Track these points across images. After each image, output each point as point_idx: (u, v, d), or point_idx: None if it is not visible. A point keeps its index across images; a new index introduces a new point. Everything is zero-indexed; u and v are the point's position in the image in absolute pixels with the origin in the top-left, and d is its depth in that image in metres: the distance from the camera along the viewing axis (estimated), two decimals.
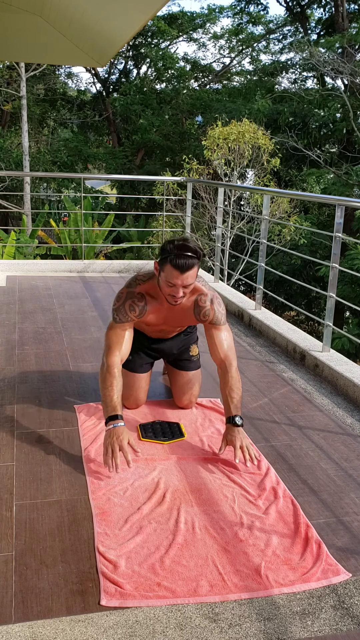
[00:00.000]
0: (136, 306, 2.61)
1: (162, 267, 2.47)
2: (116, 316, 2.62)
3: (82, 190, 6.60)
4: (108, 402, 2.45)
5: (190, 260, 2.42)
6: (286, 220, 11.91)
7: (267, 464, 2.50)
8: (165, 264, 2.44)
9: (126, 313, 2.61)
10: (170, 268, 2.43)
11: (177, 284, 2.45)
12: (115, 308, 2.63)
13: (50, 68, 19.88)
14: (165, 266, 2.45)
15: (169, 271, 2.44)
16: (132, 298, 2.62)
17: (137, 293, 2.63)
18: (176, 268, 2.42)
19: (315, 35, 19.85)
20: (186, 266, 2.42)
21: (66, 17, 3.24)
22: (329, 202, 4.01)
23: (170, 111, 21.02)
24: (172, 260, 2.41)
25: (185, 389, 2.97)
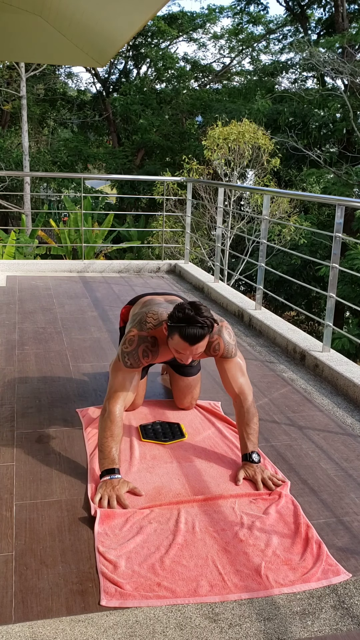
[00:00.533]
0: (150, 352, 2.47)
1: (171, 335, 2.32)
2: (127, 360, 2.45)
3: (82, 190, 6.61)
4: (106, 453, 2.31)
5: (201, 331, 2.27)
6: (286, 220, 11.91)
7: (273, 465, 2.50)
8: (174, 333, 2.30)
9: (139, 359, 2.46)
10: (179, 339, 2.29)
11: (187, 354, 2.33)
12: (126, 352, 2.45)
13: (50, 68, 19.88)
14: (174, 335, 2.30)
15: (178, 341, 2.29)
16: (145, 343, 2.46)
17: (150, 337, 2.48)
18: (185, 340, 2.28)
19: (315, 35, 19.86)
20: (196, 338, 2.27)
21: (66, 17, 3.24)
22: (329, 202, 4.01)
23: (170, 111, 21.02)
24: (182, 331, 2.27)
25: (186, 392, 2.97)
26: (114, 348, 3.92)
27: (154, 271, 6.68)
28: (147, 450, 2.57)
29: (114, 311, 4.85)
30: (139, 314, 2.58)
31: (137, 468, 2.41)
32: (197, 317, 2.26)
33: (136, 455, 2.52)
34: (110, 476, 2.25)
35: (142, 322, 2.51)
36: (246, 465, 2.41)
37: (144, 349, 2.46)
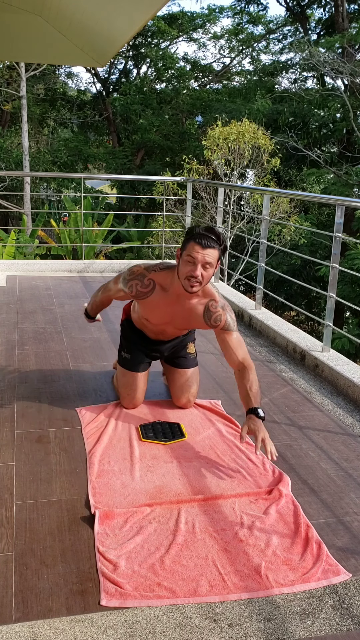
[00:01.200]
0: (134, 289, 2.67)
1: (185, 246, 2.51)
2: (122, 281, 2.73)
3: (82, 190, 6.61)
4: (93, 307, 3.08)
5: (213, 241, 2.47)
6: (286, 220, 11.91)
7: (272, 464, 2.50)
8: (188, 242, 2.49)
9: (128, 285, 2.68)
10: (192, 244, 2.47)
11: (197, 258, 2.45)
12: (123, 276, 2.73)
13: (50, 68, 19.87)
14: (188, 244, 2.49)
15: (191, 246, 2.47)
16: (140, 280, 2.66)
17: (147, 279, 2.66)
18: (198, 243, 2.45)
19: (315, 35, 19.86)
20: (208, 244, 2.45)
21: (66, 17, 3.24)
22: (329, 202, 4.01)
23: (170, 111, 21.01)
24: (196, 237, 2.47)
25: (183, 388, 2.96)
26: (114, 348, 3.92)
27: None
28: (147, 450, 2.57)
29: (114, 311, 4.86)
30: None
31: (137, 467, 2.41)
32: (212, 229, 2.50)
33: (136, 455, 2.52)
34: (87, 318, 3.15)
35: (152, 265, 2.70)
36: (251, 419, 2.43)
37: (135, 284, 2.67)
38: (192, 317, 2.67)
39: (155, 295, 2.64)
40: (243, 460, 2.52)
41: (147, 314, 2.74)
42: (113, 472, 2.38)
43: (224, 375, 3.52)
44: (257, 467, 2.46)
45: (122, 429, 2.76)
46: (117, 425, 2.79)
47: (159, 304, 2.65)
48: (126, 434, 2.71)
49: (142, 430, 2.74)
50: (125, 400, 2.95)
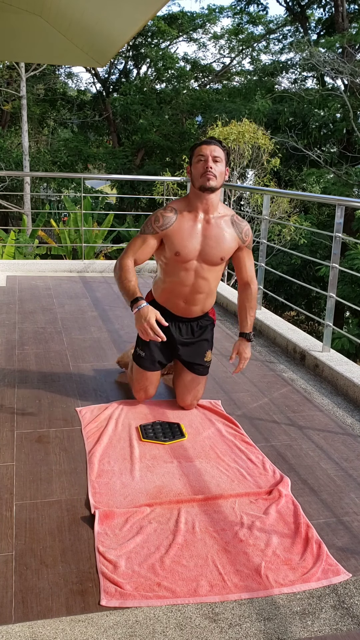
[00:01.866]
0: (161, 217, 2.75)
1: (192, 154, 2.73)
2: (143, 229, 2.78)
3: (82, 190, 6.60)
4: (127, 291, 2.66)
5: (216, 141, 2.70)
6: (286, 220, 11.91)
7: (272, 464, 2.50)
8: (194, 150, 2.73)
9: (151, 224, 2.76)
10: (198, 147, 2.71)
11: (206, 154, 2.66)
12: (145, 223, 2.79)
13: (50, 68, 19.86)
14: (194, 151, 2.72)
15: (198, 149, 2.71)
16: (159, 210, 2.78)
17: (167, 206, 2.80)
18: (203, 143, 2.70)
19: (315, 35, 19.85)
20: (212, 142, 2.69)
21: (66, 17, 3.24)
22: (329, 202, 4.01)
23: (170, 111, 21.00)
24: (199, 142, 2.73)
25: (190, 388, 2.98)
26: (114, 348, 3.93)
27: (154, 271, 6.68)
28: (147, 450, 2.57)
29: (114, 311, 4.86)
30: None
31: (137, 467, 2.41)
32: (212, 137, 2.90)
33: (136, 455, 2.52)
34: (137, 307, 2.59)
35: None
36: (242, 343, 2.94)
37: (157, 216, 2.76)
38: (223, 233, 2.79)
39: (180, 217, 2.77)
40: (243, 460, 2.52)
41: (178, 244, 2.74)
42: (113, 472, 2.38)
43: (224, 375, 3.52)
44: (257, 467, 2.46)
45: (122, 429, 2.76)
46: (117, 425, 2.79)
47: (186, 226, 2.76)
48: (126, 434, 2.71)
49: (142, 430, 2.74)
50: (138, 394, 3.00)
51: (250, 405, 3.13)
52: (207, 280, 2.83)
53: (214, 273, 2.83)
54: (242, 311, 2.98)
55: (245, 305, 2.97)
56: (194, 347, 2.97)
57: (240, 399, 3.19)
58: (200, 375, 2.99)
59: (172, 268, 2.81)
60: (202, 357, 2.98)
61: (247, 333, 2.95)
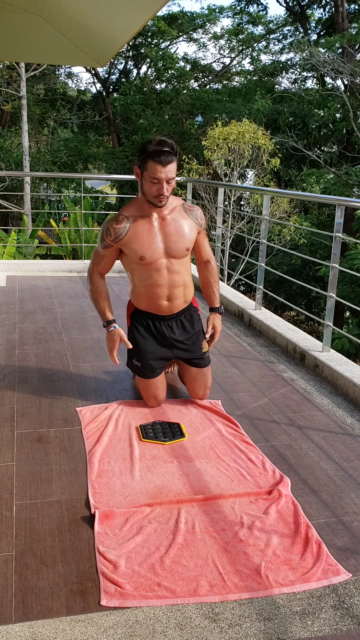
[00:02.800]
0: (112, 229, 2.77)
1: (144, 166, 2.64)
2: (99, 243, 2.86)
3: (82, 190, 6.60)
4: (101, 312, 2.92)
5: (170, 155, 2.60)
6: (286, 220, 11.91)
7: (272, 464, 2.50)
8: (146, 162, 2.62)
9: (104, 239, 2.82)
10: (152, 164, 2.60)
11: (161, 178, 2.62)
12: (99, 237, 2.85)
13: (50, 68, 19.86)
14: (147, 164, 2.62)
15: (151, 167, 2.61)
16: (110, 222, 2.79)
17: (118, 216, 2.79)
18: (158, 162, 2.59)
19: (315, 36, 19.85)
20: (167, 159, 2.59)
21: (66, 17, 3.24)
22: (329, 202, 4.01)
23: (170, 111, 21.00)
24: (153, 156, 2.59)
25: (199, 381, 3.08)
26: None
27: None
28: (147, 450, 2.57)
29: (114, 311, 4.84)
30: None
31: (137, 467, 2.41)
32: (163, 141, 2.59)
33: (136, 454, 2.52)
34: (108, 329, 2.90)
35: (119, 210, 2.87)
36: (214, 316, 3.10)
37: (107, 229, 2.79)
38: (181, 224, 2.83)
39: (134, 224, 2.77)
40: (243, 460, 2.52)
41: (140, 249, 2.78)
42: (113, 472, 2.38)
43: (224, 375, 3.52)
44: (257, 467, 2.46)
45: (122, 429, 2.76)
46: (117, 425, 2.79)
47: (142, 230, 2.77)
48: (126, 434, 2.71)
49: (142, 430, 2.74)
50: (149, 402, 3.02)
51: (250, 405, 3.13)
52: (179, 273, 2.91)
53: (184, 265, 2.93)
54: (207, 287, 3.13)
55: (208, 280, 3.12)
56: (189, 344, 3.02)
57: (240, 399, 3.19)
58: (204, 367, 3.07)
59: (143, 272, 2.86)
60: (200, 350, 3.06)
61: (217, 307, 3.12)
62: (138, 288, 2.93)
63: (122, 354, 3.82)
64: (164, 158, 2.59)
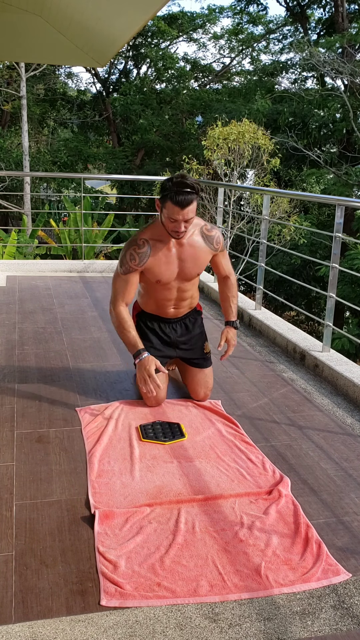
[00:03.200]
0: (136, 254, 2.76)
1: (164, 205, 2.64)
2: (120, 268, 2.81)
3: (82, 190, 6.60)
4: (129, 342, 2.80)
5: (189, 196, 2.59)
6: (286, 220, 11.91)
7: (272, 464, 2.50)
8: (166, 201, 2.62)
9: (127, 263, 2.78)
10: (171, 205, 2.60)
11: (179, 219, 2.63)
12: (119, 260, 2.81)
13: (50, 68, 19.86)
14: (166, 203, 2.62)
15: (170, 208, 2.61)
16: (132, 246, 2.77)
17: (139, 240, 2.78)
18: (177, 204, 2.58)
19: (315, 35, 19.84)
20: (186, 202, 2.59)
21: (66, 17, 3.24)
22: (329, 202, 4.01)
23: (170, 111, 21.00)
24: (172, 197, 2.58)
25: (200, 382, 3.10)
26: (114, 348, 3.93)
27: None
28: (147, 450, 2.57)
29: None
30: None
31: (137, 467, 2.41)
32: (184, 182, 2.57)
33: (136, 455, 2.52)
34: (139, 358, 2.77)
35: (137, 233, 2.83)
36: (229, 329, 3.07)
37: (131, 253, 2.77)
38: (197, 252, 2.85)
39: (153, 248, 2.78)
40: (243, 460, 2.52)
41: (157, 274, 2.82)
42: (113, 472, 2.38)
43: (224, 375, 3.52)
44: (257, 467, 2.46)
45: (122, 429, 2.76)
46: (117, 425, 2.79)
47: (161, 255, 2.79)
48: (126, 434, 2.71)
49: (142, 430, 2.74)
50: (149, 401, 3.02)
51: (250, 405, 3.13)
52: (188, 291, 3.00)
53: (194, 284, 3.01)
54: (225, 301, 3.12)
55: (227, 294, 3.11)
56: (191, 344, 3.10)
57: (240, 399, 3.19)
58: (205, 367, 3.11)
59: (154, 289, 2.94)
60: (202, 350, 3.13)
61: (233, 321, 3.09)
62: (146, 297, 3.03)
63: (123, 353, 3.82)
64: (183, 200, 2.59)
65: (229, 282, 3.11)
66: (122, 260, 2.80)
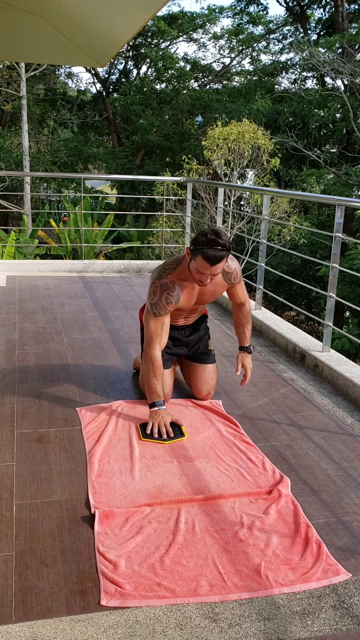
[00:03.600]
0: (171, 297, 2.77)
1: (194, 257, 2.64)
2: (155, 310, 2.77)
3: (82, 190, 6.60)
4: (152, 389, 2.78)
5: (220, 253, 2.59)
6: (286, 220, 11.91)
7: (272, 464, 2.50)
8: (197, 254, 2.61)
9: (164, 307, 2.77)
10: (201, 260, 2.60)
11: (207, 273, 2.64)
12: (152, 303, 2.77)
13: (50, 68, 19.87)
14: (197, 257, 2.61)
15: (200, 262, 2.61)
16: (166, 290, 2.77)
17: (169, 283, 2.78)
18: (207, 261, 2.59)
19: (315, 36, 19.84)
20: (217, 259, 2.59)
21: (66, 17, 3.24)
22: (329, 202, 4.01)
23: (170, 111, 21.01)
24: (204, 253, 2.58)
25: (206, 381, 3.14)
26: (114, 348, 3.93)
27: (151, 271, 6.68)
28: (147, 450, 2.57)
29: (114, 311, 4.86)
30: (157, 268, 2.88)
31: (137, 467, 2.42)
32: (218, 240, 2.57)
33: (136, 454, 2.52)
34: (157, 407, 2.77)
35: (162, 271, 2.82)
36: (244, 355, 3.07)
37: (167, 297, 2.77)
38: (216, 287, 2.91)
39: (181, 288, 2.82)
40: (243, 460, 2.52)
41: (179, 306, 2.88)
42: (113, 472, 2.38)
43: (224, 375, 3.52)
44: (257, 467, 2.46)
45: (122, 429, 2.76)
46: (117, 425, 2.80)
47: (185, 292, 2.84)
48: (126, 434, 2.71)
49: (142, 429, 2.74)
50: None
51: (250, 405, 3.13)
52: (200, 307, 3.08)
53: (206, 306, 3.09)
54: (239, 327, 3.12)
55: (242, 321, 3.11)
56: (197, 340, 3.17)
57: (240, 399, 3.19)
58: (210, 363, 3.16)
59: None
60: (207, 347, 3.20)
61: (247, 346, 3.10)
62: None
63: (123, 353, 3.82)
64: (214, 257, 2.58)
65: (244, 309, 3.10)
66: (157, 304, 2.76)
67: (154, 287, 2.79)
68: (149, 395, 2.80)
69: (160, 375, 2.80)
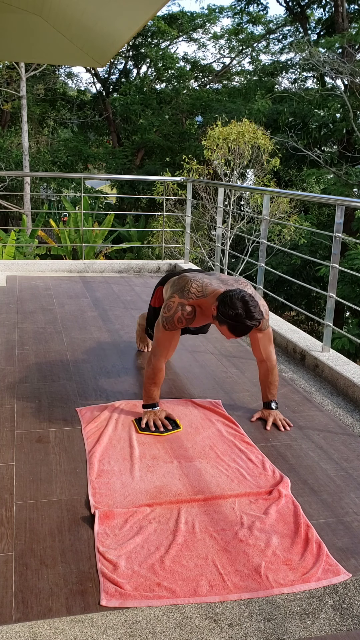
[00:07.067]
0: (184, 319, 2.71)
1: (220, 321, 2.52)
2: (166, 324, 2.73)
3: (82, 190, 6.60)
4: (150, 395, 2.83)
5: (249, 328, 2.50)
6: (286, 220, 11.91)
7: (272, 464, 2.50)
8: (223, 323, 2.51)
9: (174, 324, 2.72)
10: (227, 330, 2.52)
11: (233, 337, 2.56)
12: (165, 317, 2.73)
13: (50, 68, 19.87)
14: (223, 325, 2.52)
15: (226, 332, 2.54)
16: (182, 311, 2.69)
17: (188, 306, 2.70)
18: (233, 333, 2.52)
19: (315, 35, 19.85)
20: (243, 333, 2.51)
21: (66, 17, 3.24)
22: (329, 202, 4.01)
23: (170, 111, 21.01)
24: (231, 327, 2.49)
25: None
26: (114, 348, 3.93)
27: (154, 271, 6.68)
28: (147, 450, 2.57)
29: (114, 311, 4.86)
30: (183, 279, 2.78)
31: (137, 467, 2.42)
32: (246, 320, 2.46)
33: (136, 455, 2.52)
34: (151, 408, 2.83)
35: (185, 290, 2.72)
36: (264, 410, 2.96)
37: (179, 317, 2.70)
38: None
39: (197, 314, 2.77)
40: (243, 460, 2.52)
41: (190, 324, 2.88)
42: (113, 472, 2.38)
43: (224, 375, 3.52)
44: (257, 467, 2.46)
45: (122, 429, 2.76)
46: (117, 425, 2.80)
47: (201, 318, 2.79)
48: (126, 434, 2.71)
49: (137, 423, 2.78)
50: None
51: (250, 405, 3.13)
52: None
53: None
54: (264, 385, 2.97)
55: (267, 380, 2.95)
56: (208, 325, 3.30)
57: (240, 399, 3.19)
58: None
59: None
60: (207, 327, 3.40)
61: (267, 402, 2.97)
62: None
63: (123, 353, 3.82)
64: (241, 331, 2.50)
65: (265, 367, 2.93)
66: (170, 320, 2.70)
67: (172, 300, 2.71)
68: (146, 397, 2.85)
69: (160, 383, 2.84)
